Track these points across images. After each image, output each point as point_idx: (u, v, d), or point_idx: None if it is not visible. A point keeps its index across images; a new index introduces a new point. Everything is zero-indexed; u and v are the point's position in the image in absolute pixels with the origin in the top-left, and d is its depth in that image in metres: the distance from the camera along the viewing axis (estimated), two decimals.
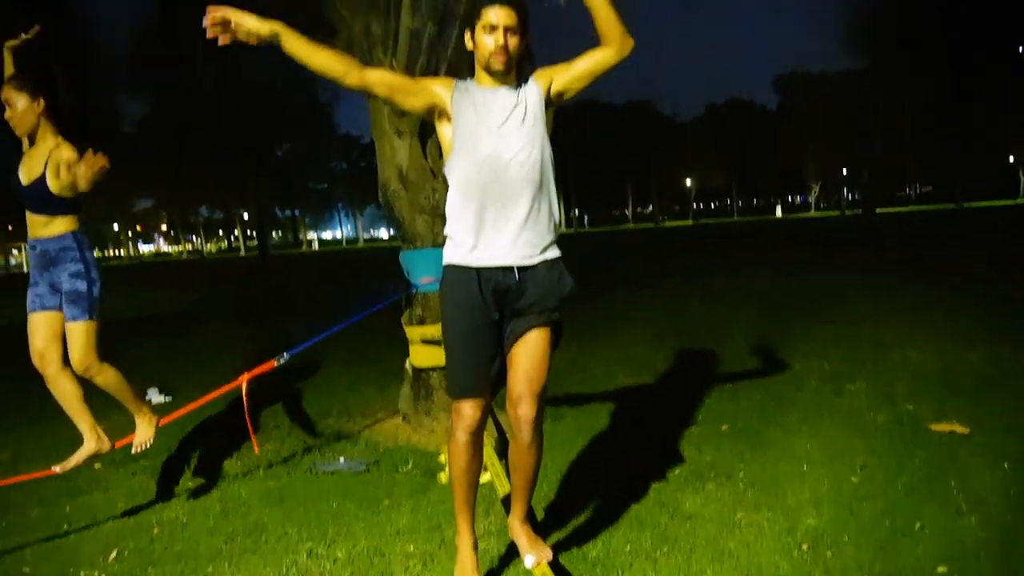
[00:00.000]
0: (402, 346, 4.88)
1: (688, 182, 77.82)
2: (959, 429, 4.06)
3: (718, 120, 74.98)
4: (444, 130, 2.64)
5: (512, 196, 2.52)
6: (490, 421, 4.19)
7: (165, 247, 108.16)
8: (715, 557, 2.85)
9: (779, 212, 75.48)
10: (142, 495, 4.05)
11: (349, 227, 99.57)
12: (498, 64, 2.51)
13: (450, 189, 2.62)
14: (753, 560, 2.80)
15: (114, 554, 3.28)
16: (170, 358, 8.26)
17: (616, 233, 50.21)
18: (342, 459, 4.41)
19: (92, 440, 3.63)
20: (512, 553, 2.97)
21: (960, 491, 3.26)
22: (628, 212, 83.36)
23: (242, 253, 68.88)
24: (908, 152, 52.62)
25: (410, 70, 4.46)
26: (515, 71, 2.59)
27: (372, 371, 6.67)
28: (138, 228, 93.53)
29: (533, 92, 2.59)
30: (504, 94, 2.58)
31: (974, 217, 33.57)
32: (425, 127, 4.60)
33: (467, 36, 2.60)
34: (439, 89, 2.59)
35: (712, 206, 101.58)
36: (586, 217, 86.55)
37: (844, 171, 65.72)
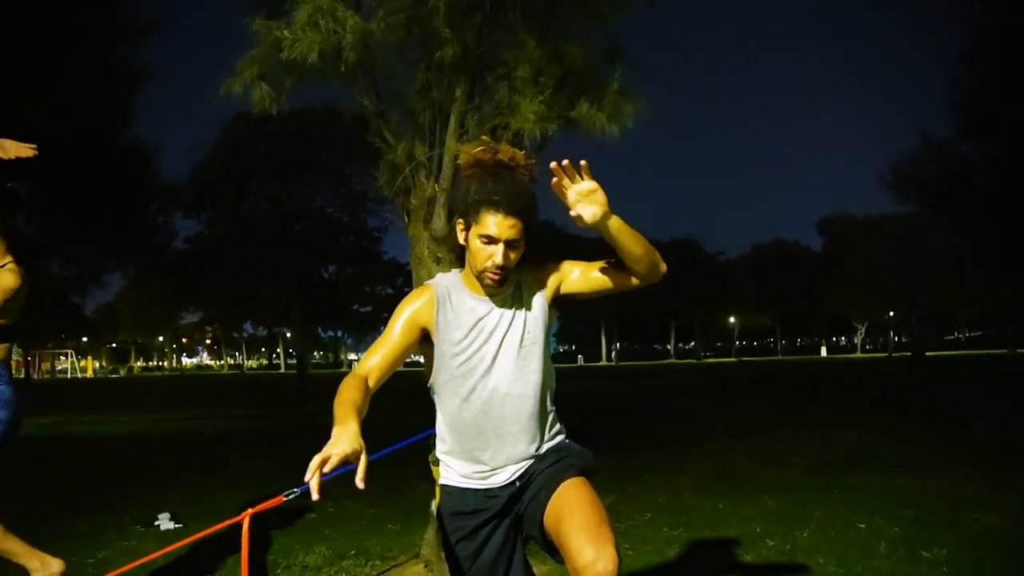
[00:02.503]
0: (430, 484, 4.48)
1: (732, 320, 77.34)
2: None
3: (763, 260, 75.15)
4: (428, 347, 2.23)
5: (507, 432, 2.17)
6: None
7: (208, 360, 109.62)
8: None
9: (824, 352, 74.14)
10: None
11: None
12: (491, 282, 2.11)
13: (438, 414, 2.26)
14: None
15: None
16: (192, 483, 7.92)
17: (655, 369, 49.56)
18: None
19: (36, 566, 3.21)
20: None
21: None
22: (670, 347, 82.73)
23: (282, 370, 69.30)
24: (957, 295, 51.77)
25: (453, 195, 4.31)
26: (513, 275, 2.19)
27: (396, 510, 6.23)
28: (183, 341, 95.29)
29: (537, 305, 2.19)
30: (499, 309, 2.17)
31: None
32: (464, 255, 4.40)
33: (458, 229, 2.16)
34: (422, 319, 2.17)
35: (755, 344, 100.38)
36: (616, 346, 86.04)
37: (890, 313, 64.72)
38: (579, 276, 2.20)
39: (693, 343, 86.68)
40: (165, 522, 6.00)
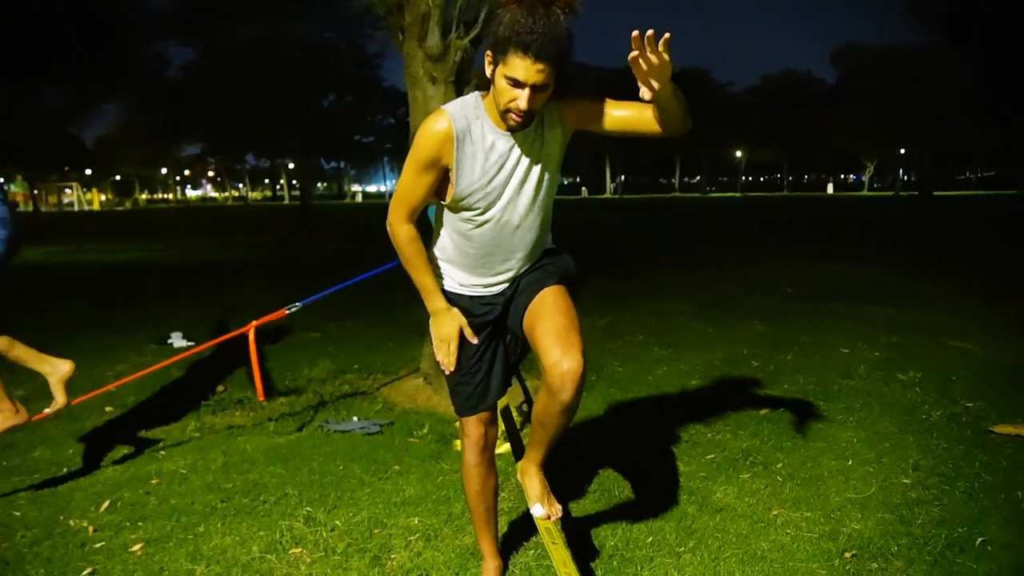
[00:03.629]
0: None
1: (738, 154, 76.16)
2: None
3: (773, 92, 72.84)
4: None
5: (512, 255, 2.21)
6: (515, 381, 3.98)
7: (212, 193, 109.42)
8: (745, 559, 2.58)
9: (830, 190, 73.59)
10: (146, 443, 3.89)
11: (393, 180, 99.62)
12: (514, 122, 2.03)
13: (443, 226, 2.26)
14: (787, 565, 2.53)
15: (107, 504, 3.13)
16: (201, 306, 8.16)
17: (659, 201, 49.29)
18: (355, 419, 4.22)
19: (48, 370, 3.27)
20: (523, 534, 2.74)
21: None
22: (675, 181, 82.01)
23: (286, 201, 69.27)
24: (970, 134, 50.60)
25: (448, 12, 4.18)
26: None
27: (395, 329, 6.47)
28: (187, 173, 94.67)
29: (556, 141, 2.15)
30: (519, 144, 2.12)
31: None
32: (460, 74, 4.30)
33: (486, 60, 2.05)
34: (443, 159, 2.10)
35: (761, 179, 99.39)
36: (621, 179, 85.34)
37: (901, 151, 63.63)
38: (602, 114, 2.14)
39: (698, 177, 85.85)
40: (178, 340, 6.26)
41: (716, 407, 4.22)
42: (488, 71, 2.04)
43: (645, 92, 1.96)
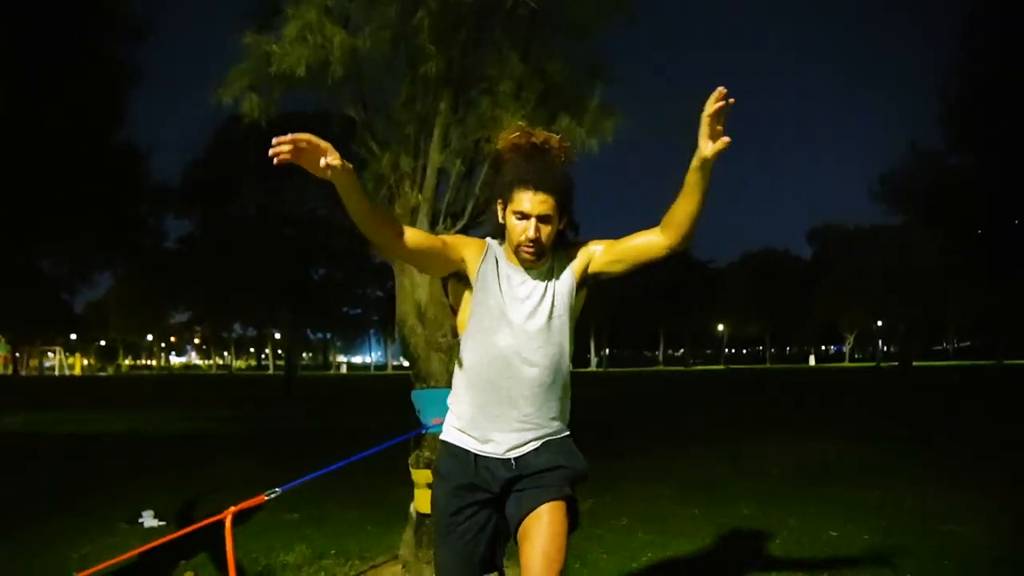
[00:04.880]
0: (409, 488, 4.59)
1: (720, 327, 77.51)
2: None
3: (753, 268, 75.35)
4: (461, 291, 2.41)
5: (520, 396, 2.29)
6: None
7: (196, 360, 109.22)
8: None
9: (812, 361, 74.42)
10: None
11: (379, 353, 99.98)
12: (527, 256, 2.25)
13: (459, 360, 2.41)
14: None
15: None
16: (177, 483, 7.98)
17: (645, 375, 49.63)
18: None
19: None
20: None
21: None
22: (659, 354, 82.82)
23: (270, 371, 69.11)
24: (944, 307, 51.99)
25: (436, 206, 4.41)
26: (549, 252, 2.33)
27: (376, 512, 6.32)
28: (172, 340, 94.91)
29: (565, 280, 2.33)
30: (533, 279, 2.31)
31: (1018, 375, 32.57)
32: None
33: (497, 207, 2.31)
34: (467, 257, 2.32)
35: (744, 351, 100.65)
36: (605, 352, 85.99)
37: (879, 323, 65.01)
38: (604, 251, 2.33)
39: (682, 350, 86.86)
40: (149, 519, 6.07)
41: None
42: (500, 217, 2.30)
43: (705, 145, 2.04)
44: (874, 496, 6.74)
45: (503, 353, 2.26)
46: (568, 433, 2.41)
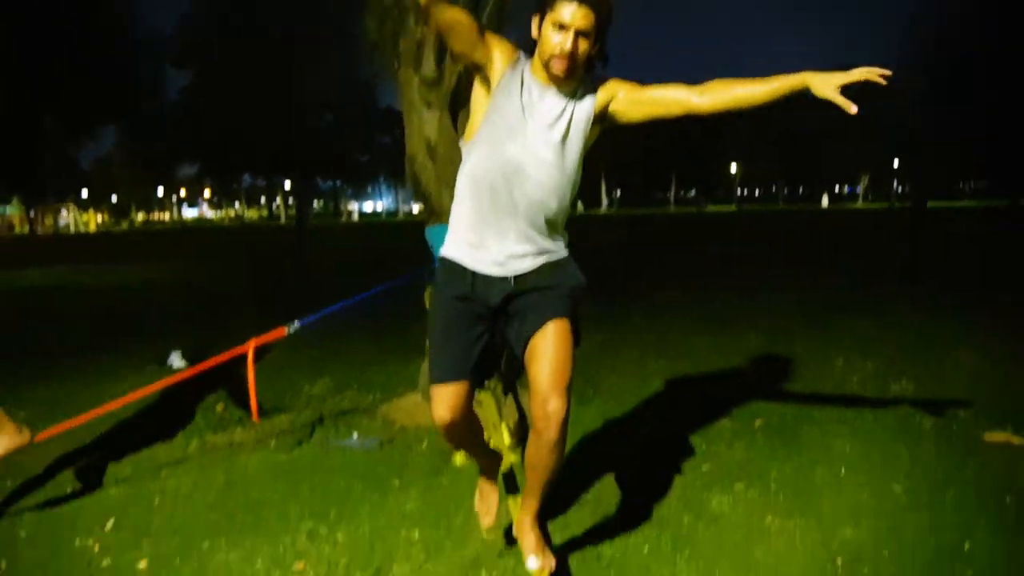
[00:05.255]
0: (426, 322, 4.71)
1: (733, 168, 76.51)
2: (1016, 441, 3.77)
3: (769, 107, 73.18)
4: (479, 95, 2.37)
5: (519, 210, 2.29)
6: (511, 400, 4.04)
7: (208, 213, 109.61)
8: (740, 566, 2.64)
9: (825, 202, 73.91)
10: (148, 462, 3.94)
11: (390, 199, 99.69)
12: (558, 69, 2.21)
13: (461, 169, 2.39)
14: (781, 572, 2.59)
15: (111, 523, 3.17)
16: (198, 327, 8.22)
17: (655, 217, 49.48)
18: (355, 435, 4.28)
19: (5, 434, 3.17)
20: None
21: (1016, 511, 2.99)
22: (670, 196, 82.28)
23: (282, 221, 69.35)
24: (961, 146, 50.89)
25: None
26: (578, 74, 2.29)
27: (395, 347, 6.52)
28: (183, 193, 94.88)
29: (585, 107, 2.30)
30: (554, 98, 2.29)
31: None
32: (456, 99, 4.38)
33: (534, 22, 2.26)
34: (497, 57, 2.30)
35: (757, 193, 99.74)
36: (616, 194, 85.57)
37: (895, 162, 63.90)
38: (628, 93, 2.32)
39: (693, 191, 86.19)
40: (177, 360, 6.30)
41: (711, 419, 4.27)
42: (534, 31, 2.26)
43: (829, 88, 2.17)
44: (880, 327, 6.88)
45: (510, 162, 2.26)
46: (567, 253, 2.43)
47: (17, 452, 3.21)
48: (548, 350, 2.28)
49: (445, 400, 2.37)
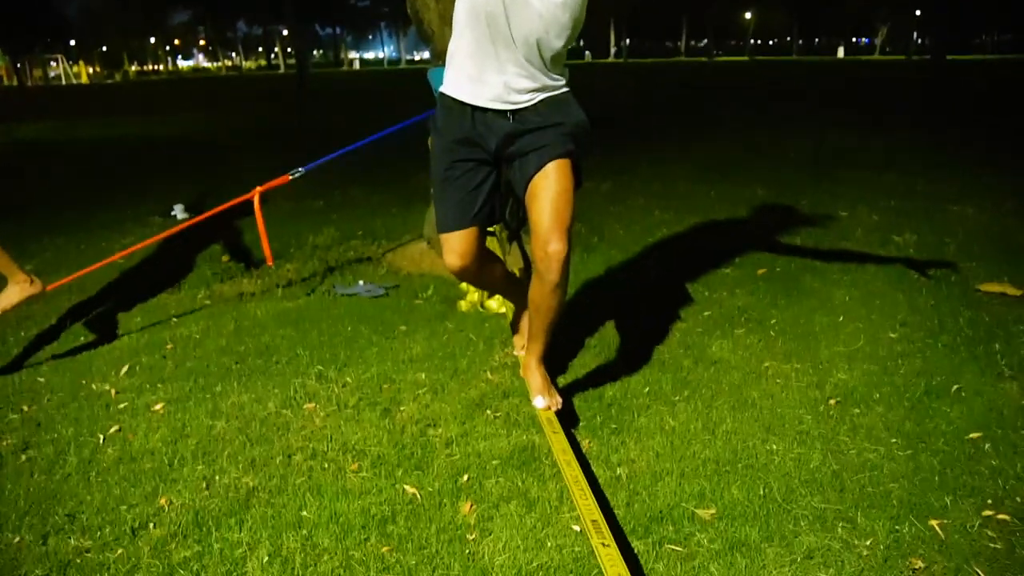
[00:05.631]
0: (429, 170, 4.66)
1: (747, 16, 73.38)
2: (1011, 291, 3.81)
3: None
4: None
5: (518, 42, 2.19)
6: (515, 248, 4.06)
7: (204, 63, 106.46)
8: (736, 406, 2.73)
9: (841, 53, 71.40)
10: (158, 311, 4.02)
11: (392, 48, 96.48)
12: None
13: (459, 1, 2.28)
14: (776, 411, 2.67)
15: (126, 369, 3.26)
16: (201, 179, 8.15)
17: (666, 66, 47.96)
18: (361, 283, 4.33)
19: (17, 283, 3.19)
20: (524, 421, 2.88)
21: (1004, 356, 3.05)
22: (681, 45, 79.40)
23: (281, 71, 67.45)
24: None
25: None
26: None
27: (399, 196, 6.51)
28: (176, 43, 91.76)
29: None
30: None
31: None
32: None
33: None
34: None
35: (770, 43, 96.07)
36: (626, 42, 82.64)
37: (917, 12, 61.13)
38: None
39: (705, 41, 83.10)
40: (180, 212, 6.30)
41: (714, 267, 4.32)
42: None
43: None
44: (887, 181, 6.81)
45: None
46: (568, 89, 2.37)
47: (29, 302, 3.27)
48: (549, 191, 2.25)
49: (455, 248, 2.40)
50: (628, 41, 77.08)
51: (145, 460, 2.49)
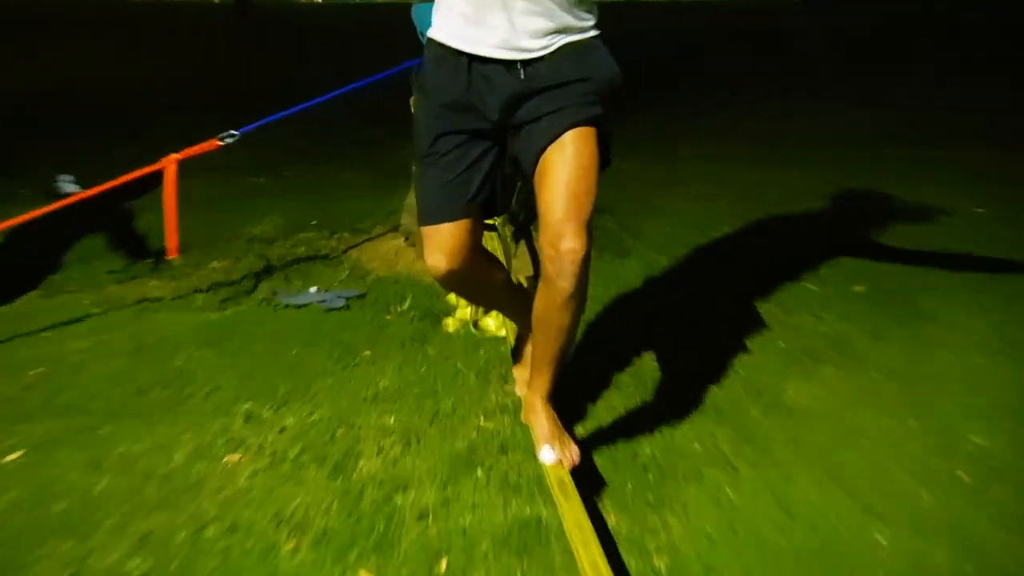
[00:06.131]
0: (411, 141, 4.62)
1: None
2: None
3: None
4: None
5: None
6: (524, 249, 4.04)
7: None
8: (824, 475, 2.66)
9: None
10: (23, 320, 3.95)
11: None
12: None
13: None
14: (881, 486, 2.60)
15: None
16: (105, 145, 8.09)
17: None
18: (313, 289, 4.33)
19: None
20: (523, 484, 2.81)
21: None
22: None
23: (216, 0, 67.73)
24: None
25: None
26: None
27: (373, 173, 6.50)
28: None
29: None
30: None
31: None
32: None
33: None
34: None
35: None
36: None
37: None
38: None
39: None
40: (67, 185, 6.21)
41: (792, 280, 4.30)
42: None
43: None
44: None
45: None
46: (597, 32, 2.31)
47: None
48: (564, 169, 2.18)
49: (441, 245, 2.34)
50: None
51: None
